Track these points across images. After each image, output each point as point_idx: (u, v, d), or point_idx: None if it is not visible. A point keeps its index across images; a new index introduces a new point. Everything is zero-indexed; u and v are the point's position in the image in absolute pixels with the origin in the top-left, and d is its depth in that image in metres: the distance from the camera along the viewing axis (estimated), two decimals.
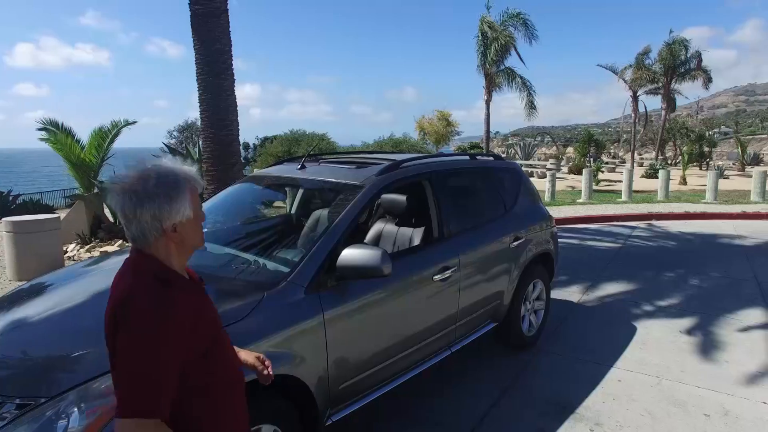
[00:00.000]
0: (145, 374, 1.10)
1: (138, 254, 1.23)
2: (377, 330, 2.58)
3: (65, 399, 1.68)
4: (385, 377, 2.68)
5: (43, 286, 2.58)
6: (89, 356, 1.84)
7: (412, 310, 2.81)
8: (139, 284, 1.18)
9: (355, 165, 3.05)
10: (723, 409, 3.13)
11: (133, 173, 1.19)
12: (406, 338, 2.78)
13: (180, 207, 1.20)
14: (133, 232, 1.19)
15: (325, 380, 2.27)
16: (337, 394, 2.37)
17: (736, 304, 5.06)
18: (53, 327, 2.09)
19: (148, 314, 1.13)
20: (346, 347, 2.37)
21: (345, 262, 2.26)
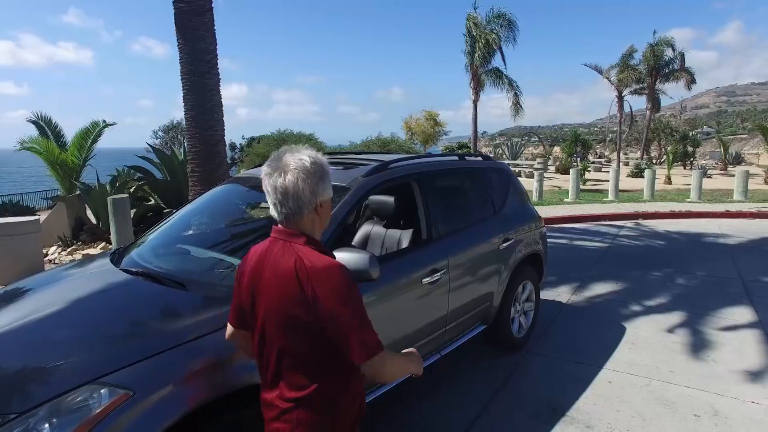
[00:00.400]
0: (367, 319, 1.34)
1: (291, 232, 1.39)
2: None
3: (36, 414, 1.59)
4: (373, 383, 2.62)
5: (19, 292, 2.48)
6: (65, 367, 1.76)
7: (401, 313, 2.75)
8: (312, 253, 1.35)
9: (342, 166, 2.99)
10: (712, 409, 3.13)
11: (293, 156, 1.37)
12: (395, 342, 2.72)
13: (327, 187, 1.40)
14: (290, 207, 1.36)
15: None
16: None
17: (722, 302, 5.10)
18: (27, 336, 1.99)
19: (344, 273, 1.33)
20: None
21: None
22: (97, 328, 2.02)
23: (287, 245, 1.37)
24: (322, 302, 1.29)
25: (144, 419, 1.64)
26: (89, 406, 1.62)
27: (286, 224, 1.39)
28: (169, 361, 1.78)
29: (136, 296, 2.26)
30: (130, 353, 1.78)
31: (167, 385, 1.72)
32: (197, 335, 1.88)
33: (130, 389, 1.66)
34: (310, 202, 1.36)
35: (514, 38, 17.82)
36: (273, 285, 1.36)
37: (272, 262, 1.38)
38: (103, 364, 1.73)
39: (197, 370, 1.80)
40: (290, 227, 1.39)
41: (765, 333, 4.33)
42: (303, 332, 1.34)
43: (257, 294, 1.41)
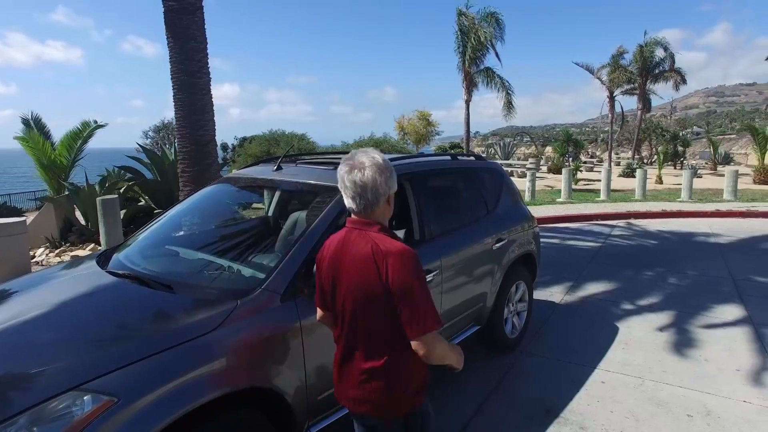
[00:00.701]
0: (430, 298, 1.52)
1: (367, 221, 1.59)
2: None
3: (15, 423, 1.54)
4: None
5: (3, 294, 2.41)
6: (47, 373, 1.71)
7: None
8: (386, 239, 1.55)
9: (333, 166, 2.94)
10: (705, 408, 3.13)
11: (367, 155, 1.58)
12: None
13: (395, 181, 1.61)
14: (368, 199, 1.56)
15: (303, 391, 2.17)
16: (316, 404, 2.26)
17: (713, 301, 5.12)
18: (8, 341, 1.93)
19: (414, 257, 1.52)
20: (325, 355, 2.26)
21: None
22: (81, 333, 1.97)
23: (363, 233, 1.58)
24: (394, 281, 1.48)
25: (130, 426, 1.60)
26: (72, 414, 1.57)
27: (363, 215, 1.59)
28: (155, 366, 1.74)
29: (122, 300, 2.21)
30: (115, 358, 1.73)
31: (153, 390, 1.67)
32: (184, 339, 1.84)
33: (115, 395, 1.62)
34: (384, 194, 1.57)
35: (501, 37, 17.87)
36: (353, 268, 1.56)
37: (351, 248, 1.58)
38: (87, 369, 1.68)
39: (184, 374, 1.75)
40: (365, 217, 1.59)
41: (756, 332, 4.35)
42: (378, 310, 1.54)
43: (338, 277, 1.62)
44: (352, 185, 1.55)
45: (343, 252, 1.60)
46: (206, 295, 2.16)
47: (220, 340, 1.90)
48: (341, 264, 1.60)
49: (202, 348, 1.85)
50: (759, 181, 18.02)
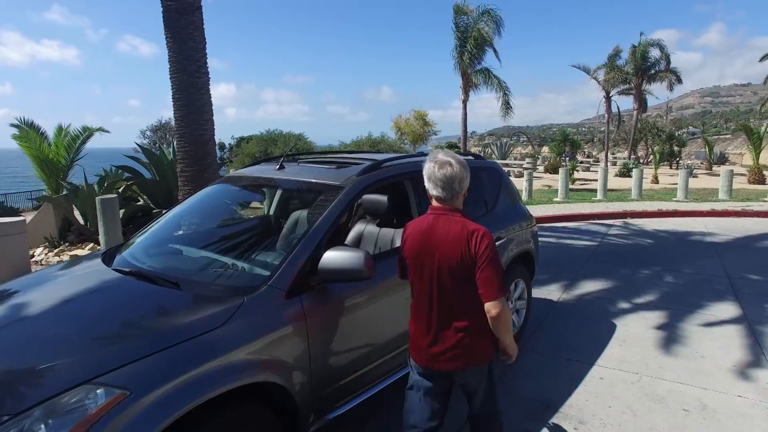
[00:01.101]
0: (502, 269, 1.97)
1: (450, 208, 2.01)
2: (360, 332, 2.54)
3: (31, 416, 1.57)
4: (370, 380, 2.63)
5: (10, 291, 2.44)
6: (60, 368, 1.74)
7: (397, 311, 2.76)
8: (470, 221, 1.99)
9: (335, 165, 2.99)
10: (701, 403, 3.18)
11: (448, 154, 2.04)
12: (390, 340, 2.73)
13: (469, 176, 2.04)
14: (454, 189, 1.99)
15: (309, 386, 2.20)
16: (321, 399, 2.30)
17: (709, 299, 5.19)
18: (21, 336, 1.97)
19: (492, 235, 1.98)
20: (329, 351, 2.31)
21: (327, 265, 2.19)
22: (92, 328, 2.00)
23: (449, 217, 1.98)
24: (480, 253, 1.90)
25: (141, 419, 1.63)
26: (85, 407, 1.60)
27: (449, 203, 2.00)
28: (165, 360, 1.77)
29: (130, 296, 2.24)
30: (126, 353, 1.76)
31: (164, 384, 1.70)
32: (193, 335, 1.87)
33: (127, 389, 1.65)
34: (465, 186, 2.00)
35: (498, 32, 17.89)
36: (448, 243, 1.95)
37: (442, 228, 1.97)
38: (99, 364, 1.71)
39: (193, 369, 1.79)
40: (449, 205, 2.00)
41: (750, 329, 4.41)
42: (468, 278, 1.93)
43: (428, 253, 1.99)
44: (443, 178, 1.96)
45: (432, 232, 1.99)
46: (213, 292, 2.19)
47: (227, 336, 1.93)
48: (432, 242, 1.98)
49: (211, 343, 1.88)
50: (753, 180, 18.17)
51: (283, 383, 2.06)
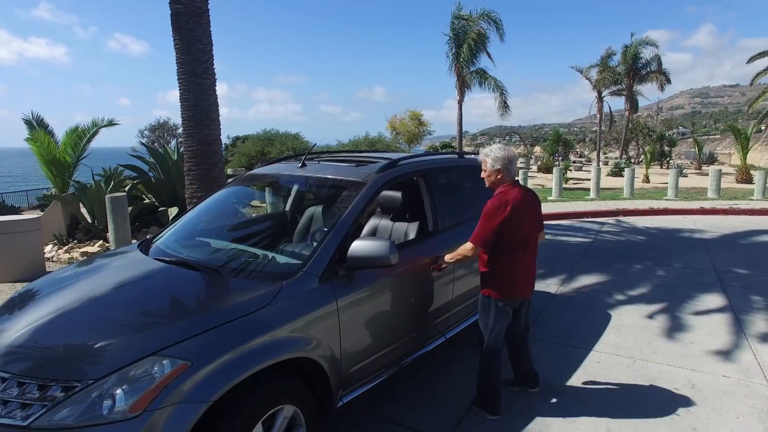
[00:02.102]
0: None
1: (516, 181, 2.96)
2: (383, 316, 2.77)
3: (108, 381, 1.79)
4: (390, 361, 2.86)
5: (65, 278, 2.63)
6: (129, 341, 1.96)
7: (413, 297, 3.01)
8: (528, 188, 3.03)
9: (354, 163, 3.22)
10: (690, 383, 3.46)
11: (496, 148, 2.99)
12: (407, 325, 2.97)
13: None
14: (512, 173, 2.92)
15: (338, 363, 2.43)
16: (348, 376, 2.53)
17: (697, 291, 5.49)
18: (90, 315, 2.18)
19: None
20: (356, 332, 2.54)
21: (355, 253, 2.43)
22: (152, 308, 2.22)
23: (521, 187, 2.93)
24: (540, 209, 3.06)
25: (201, 386, 1.86)
26: (153, 375, 1.82)
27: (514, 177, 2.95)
28: (220, 335, 1.99)
29: (180, 280, 2.45)
30: (186, 329, 1.99)
31: (220, 357, 1.93)
32: (242, 314, 2.10)
33: (188, 360, 1.87)
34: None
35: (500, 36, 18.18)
36: (534, 205, 3.01)
37: (526, 194, 2.93)
38: (163, 338, 1.94)
39: (244, 344, 2.02)
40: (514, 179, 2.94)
41: (735, 317, 4.71)
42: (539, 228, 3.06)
43: (527, 212, 2.89)
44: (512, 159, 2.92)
45: (525, 197, 2.89)
46: (253, 278, 2.42)
47: (271, 315, 2.16)
48: (527, 203, 2.90)
49: (258, 321, 2.11)
50: (741, 180, 18.62)
51: (319, 359, 2.30)
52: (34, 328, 2.07)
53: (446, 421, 2.99)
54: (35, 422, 1.73)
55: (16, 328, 2.08)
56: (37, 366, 1.90)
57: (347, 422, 2.91)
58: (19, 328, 2.08)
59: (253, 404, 2.01)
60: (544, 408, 3.14)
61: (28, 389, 1.82)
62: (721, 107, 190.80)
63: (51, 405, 1.75)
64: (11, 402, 1.79)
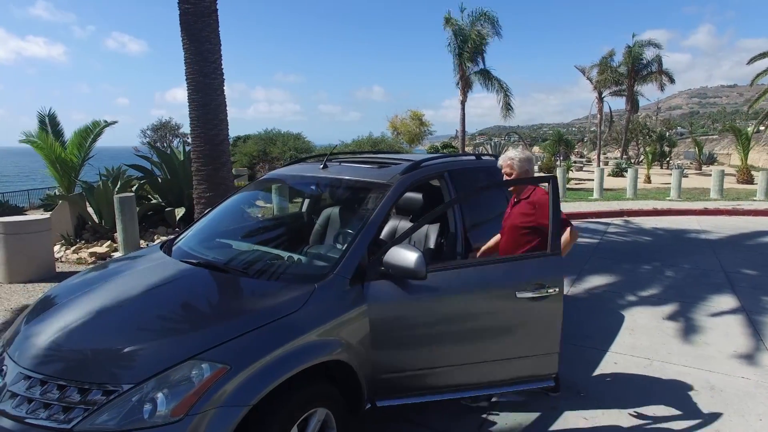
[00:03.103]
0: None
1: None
2: (416, 328, 2.52)
3: (148, 385, 1.79)
4: (426, 386, 2.60)
5: (91, 281, 2.61)
6: (167, 345, 1.96)
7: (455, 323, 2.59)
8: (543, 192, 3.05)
9: (377, 165, 3.22)
10: (709, 384, 3.47)
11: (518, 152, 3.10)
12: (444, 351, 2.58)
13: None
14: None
15: (368, 367, 2.42)
16: (379, 381, 2.49)
17: (708, 292, 5.51)
18: (124, 318, 2.17)
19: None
20: (386, 338, 2.43)
21: (389, 260, 2.38)
22: (186, 311, 2.22)
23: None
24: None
25: (241, 390, 1.86)
26: (193, 379, 1.82)
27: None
28: (257, 339, 1.99)
29: (211, 283, 2.45)
30: (222, 332, 1.98)
31: (258, 360, 1.93)
32: (278, 316, 2.10)
33: (228, 364, 1.87)
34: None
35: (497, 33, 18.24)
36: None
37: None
38: (201, 342, 1.93)
39: (281, 347, 2.02)
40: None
41: (748, 318, 4.73)
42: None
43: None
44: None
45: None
46: (284, 280, 2.42)
47: (305, 318, 2.16)
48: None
49: (293, 324, 2.11)
50: (742, 180, 18.67)
51: (350, 361, 2.29)
52: (69, 331, 2.07)
53: (470, 423, 3.00)
54: (78, 425, 1.73)
55: (50, 331, 2.08)
56: (76, 369, 1.90)
57: (373, 425, 2.91)
58: (53, 330, 2.08)
59: (289, 407, 2.01)
60: (566, 409, 3.15)
61: (68, 392, 1.81)
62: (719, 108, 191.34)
63: (92, 409, 1.75)
64: (53, 405, 1.79)
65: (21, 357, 1.99)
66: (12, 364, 1.99)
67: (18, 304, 4.97)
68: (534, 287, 2.63)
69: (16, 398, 1.86)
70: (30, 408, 1.81)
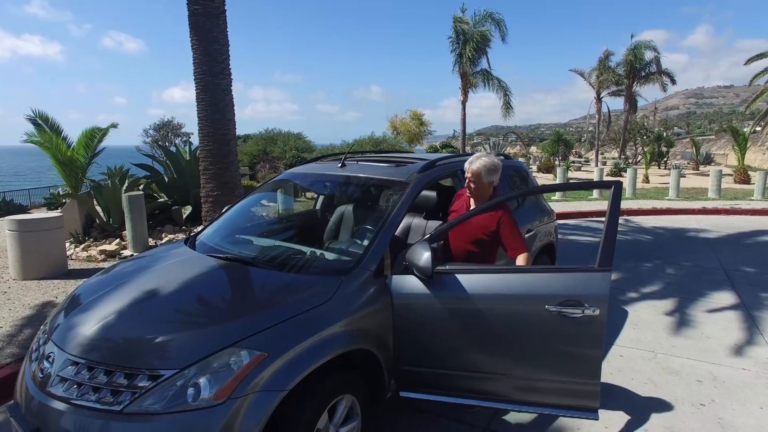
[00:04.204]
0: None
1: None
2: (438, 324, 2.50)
3: (191, 371, 1.90)
4: (464, 388, 2.56)
5: (125, 272, 2.71)
6: (207, 333, 2.07)
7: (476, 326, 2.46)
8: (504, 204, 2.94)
9: (394, 164, 3.33)
10: (712, 375, 3.60)
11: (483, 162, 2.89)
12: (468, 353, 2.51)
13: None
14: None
15: (391, 357, 2.53)
16: (401, 373, 2.59)
17: (708, 289, 5.65)
18: (165, 308, 2.29)
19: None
20: (408, 330, 2.52)
21: (408, 256, 2.49)
22: (222, 302, 2.33)
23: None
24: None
25: (278, 376, 1.97)
26: (232, 365, 1.93)
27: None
28: (292, 328, 2.10)
29: (243, 276, 2.56)
30: (260, 321, 2.09)
31: (293, 347, 2.04)
32: (309, 307, 2.21)
33: (265, 351, 1.98)
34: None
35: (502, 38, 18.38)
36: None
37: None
38: (239, 330, 2.04)
39: (313, 336, 2.13)
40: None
41: (747, 314, 4.86)
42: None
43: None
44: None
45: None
46: (312, 273, 2.53)
47: (333, 308, 2.27)
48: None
49: (323, 315, 2.22)
50: (739, 180, 18.88)
51: (374, 350, 2.41)
52: (112, 320, 2.17)
53: (485, 413, 3.12)
54: (127, 408, 1.84)
55: (94, 320, 2.18)
56: (122, 355, 2.00)
57: (393, 413, 3.03)
58: (97, 319, 2.18)
59: (321, 393, 2.12)
60: None
61: (115, 377, 1.92)
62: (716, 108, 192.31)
63: (140, 392, 1.86)
64: (103, 389, 1.90)
65: (67, 345, 2.09)
66: (59, 351, 2.09)
67: (34, 300, 5.06)
68: (569, 304, 2.39)
69: (66, 382, 1.97)
70: (80, 392, 1.92)
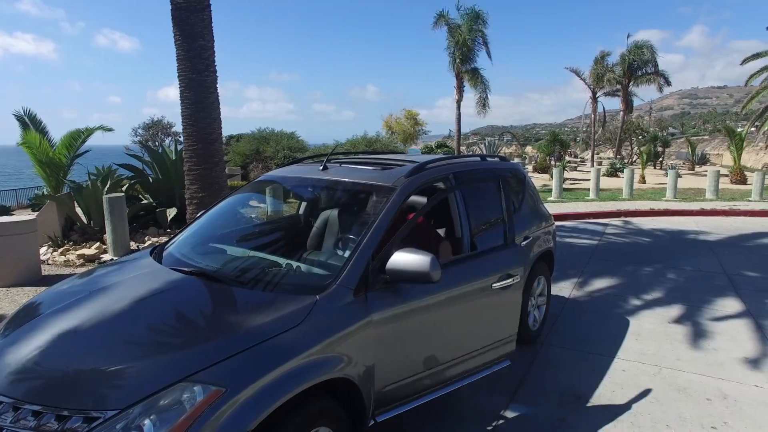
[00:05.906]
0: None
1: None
2: (418, 336, 2.55)
3: (135, 410, 1.63)
4: (428, 386, 2.66)
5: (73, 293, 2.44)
6: (154, 365, 1.79)
7: (454, 321, 2.80)
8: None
9: (380, 166, 3.06)
10: (721, 393, 3.36)
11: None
12: (446, 350, 2.75)
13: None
14: None
15: (372, 380, 2.28)
16: (381, 395, 2.38)
17: (712, 295, 5.42)
18: (107, 335, 2.00)
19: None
20: (390, 348, 2.36)
21: (395, 266, 2.26)
22: (177, 326, 2.05)
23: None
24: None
25: (238, 414, 1.70)
26: (184, 404, 1.66)
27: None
28: (255, 357, 1.83)
29: (204, 295, 2.29)
30: (217, 350, 1.82)
31: (256, 381, 1.77)
32: (276, 332, 1.94)
33: (223, 386, 1.71)
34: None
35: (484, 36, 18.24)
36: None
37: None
38: (192, 361, 1.77)
39: (280, 366, 1.85)
40: None
41: (755, 322, 4.63)
42: None
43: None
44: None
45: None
46: (283, 291, 2.26)
47: (306, 333, 2.00)
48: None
49: (293, 340, 1.95)
50: (735, 181, 18.73)
51: (354, 378, 2.14)
52: (47, 348, 1.90)
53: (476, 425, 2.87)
54: None
55: (27, 347, 1.91)
56: (54, 392, 1.72)
57: None
58: (31, 347, 1.91)
59: (291, 428, 1.86)
60: (575, 420, 3.02)
61: (44, 419, 1.64)
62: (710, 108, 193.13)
63: None
64: None
65: None
66: None
67: (0, 309, 4.76)
68: (504, 277, 3.09)
69: None
70: None
